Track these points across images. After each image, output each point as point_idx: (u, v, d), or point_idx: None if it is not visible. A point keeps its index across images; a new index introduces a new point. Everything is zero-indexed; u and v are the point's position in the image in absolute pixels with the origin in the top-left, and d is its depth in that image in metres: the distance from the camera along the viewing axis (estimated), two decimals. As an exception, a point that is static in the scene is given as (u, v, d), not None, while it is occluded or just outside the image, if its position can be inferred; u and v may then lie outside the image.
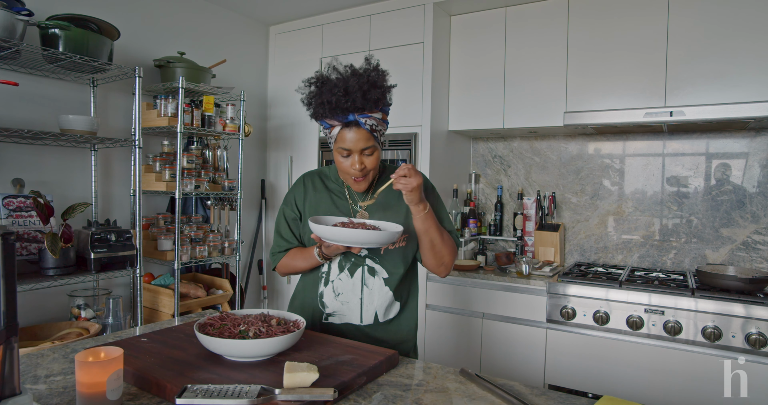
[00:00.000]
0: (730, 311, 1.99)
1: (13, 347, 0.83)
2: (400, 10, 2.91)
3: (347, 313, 1.40)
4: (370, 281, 1.40)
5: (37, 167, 2.31)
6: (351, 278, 1.39)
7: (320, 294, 1.43)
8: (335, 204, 1.44)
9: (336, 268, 1.41)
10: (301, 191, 1.47)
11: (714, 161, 2.58)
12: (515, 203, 3.02)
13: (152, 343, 1.22)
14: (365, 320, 1.40)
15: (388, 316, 1.43)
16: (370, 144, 1.29)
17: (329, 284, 1.41)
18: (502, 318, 2.51)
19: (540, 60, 2.67)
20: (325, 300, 1.42)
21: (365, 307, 1.40)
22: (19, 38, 1.93)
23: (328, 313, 1.42)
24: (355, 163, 1.30)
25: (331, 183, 1.48)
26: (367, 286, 1.39)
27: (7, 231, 0.81)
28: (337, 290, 1.40)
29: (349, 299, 1.40)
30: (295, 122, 3.35)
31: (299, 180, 1.50)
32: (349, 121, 1.25)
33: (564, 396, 1.04)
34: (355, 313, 1.40)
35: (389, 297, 1.41)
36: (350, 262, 1.40)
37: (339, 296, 1.40)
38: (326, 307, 1.42)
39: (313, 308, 1.44)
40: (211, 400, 0.88)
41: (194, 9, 3.02)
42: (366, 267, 1.40)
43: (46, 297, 2.33)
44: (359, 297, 1.39)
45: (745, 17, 2.22)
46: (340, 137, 1.28)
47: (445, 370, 1.18)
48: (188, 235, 2.65)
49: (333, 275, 1.41)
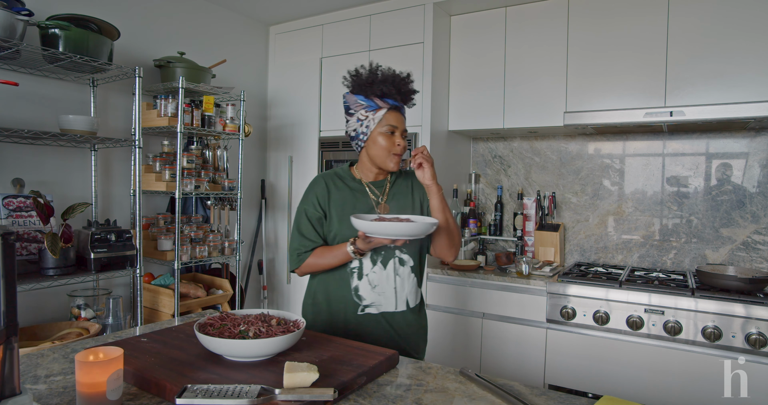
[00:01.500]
0: (730, 311, 1.99)
1: (13, 347, 0.83)
2: (400, 10, 2.91)
3: (383, 302, 1.51)
4: (400, 270, 1.52)
5: (37, 167, 2.31)
6: (384, 270, 1.51)
7: (354, 288, 1.51)
8: (358, 200, 1.53)
9: (368, 262, 1.49)
10: (323, 191, 1.53)
11: (714, 161, 2.58)
12: (515, 203, 3.02)
13: (152, 343, 1.22)
14: (399, 307, 1.53)
15: (416, 301, 1.58)
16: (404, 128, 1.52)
17: (364, 278, 1.50)
18: (502, 318, 2.51)
19: (540, 60, 2.67)
20: (361, 293, 1.51)
21: (398, 294, 1.53)
22: (19, 38, 1.93)
23: (365, 305, 1.51)
24: (399, 139, 1.48)
25: (351, 182, 1.57)
26: (398, 275, 1.52)
27: (7, 231, 0.81)
28: (373, 283, 1.50)
29: (385, 289, 1.51)
30: (295, 122, 3.35)
31: (319, 181, 1.56)
32: (396, 105, 1.48)
33: (564, 396, 1.04)
34: (391, 302, 1.52)
35: (415, 283, 1.57)
36: (381, 255, 1.50)
37: (375, 288, 1.50)
38: (363, 300, 1.51)
39: (345, 303, 1.51)
40: (211, 400, 0.88)
41: (194, 9, 3.02)
42: (397, 258, 1.52)
43: (46, 297, 2.33)
44: (393, 286, 1.52)
45: (745, 17, 2.22)
46: (387, 117, 1.47)
47: (445, 370, 1.18)
48: (188, 235, 2.65)
49: (366, 269, 1.50)
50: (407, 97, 1.50)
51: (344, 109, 1.54)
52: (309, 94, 3.27)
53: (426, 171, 1.44)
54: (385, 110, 1.47)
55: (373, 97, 1.45)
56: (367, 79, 1.46)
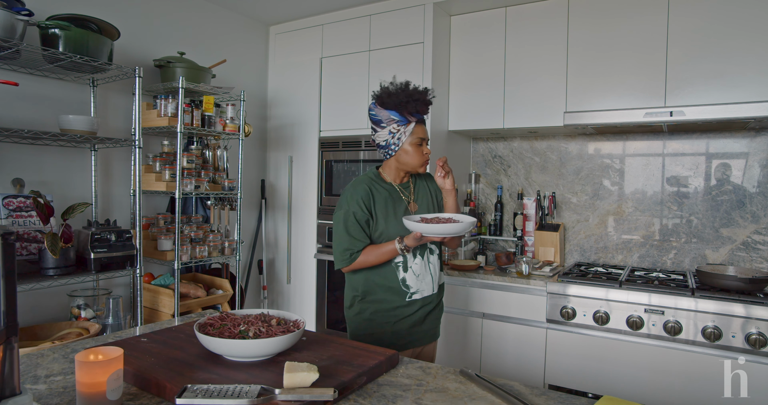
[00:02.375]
0: (730, 311, 1.99)
1: (13, 347, 0.83)
2: (400, 10, 2.91)
3: (425, 288, 1.74)
4: (431, 259, 1.76)
5: (37, 167, 2.31)
6: (423, 260, 1.73)
7: (402, 279, 1.70)
8: (395, 201, 1.73)
9: (411, 256, 1.70)
10: (368, 195, 1.69)
11: (714, 161, 2.58)
12: (515, 203, 3.02)
13: (152, 343, 1.22)
14: (435, 289, 1.78)
15: (441, 280, 1.84)
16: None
17: (409, 269, 1.70)
18: (502, 318, 2.51)
19: (540, 60, 2.67)
20: (408, 283, 1.71)
21: (434, 279, 1.77)
22: (19, 38, 1.93)
23: (412, 292, 1.72)
24: (426, 148, 1.71)
25: (385, 185, 1.74)
26: (431, 263, 1.76)
27: (7, 231, 0.81)
28: (417, 272, 1.72)
29: (425, 277, 1.74)
30: (295, 122, 3.35)
31: (360, 185, 1.71)
32: (422, 119, 1.71)
33: (564, 396, 1.04)
34: (429, 286, 1.76)
35: (439, 267, 1.82)
36: (419, 249, 1.71)
37: (419, 277, 1.72)
38: (410, 288, 1.71)
39: (394, 293, 1.70)
40: (211, 400, 0.88)
41: (194, 9, 3.02)
42: (428, 249, 1.75)
43: (46, 297, 2.33)
44: (430, 273, 1.75)
45: (745, 17, 2.22)
46: (417, 130, 1.68)
47: (445, 370, 1.18)
48: (188, 235, 2.65)
49: (410, 262, 1.70)
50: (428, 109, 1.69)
51: (373, 122, 1.69)
52: (309, 94, 3.27)
53: (449, 179, 1.71)
54: (414, 124, 1.67)
55: (405, 113, 1.64)
56: (401, 97, 1.62)
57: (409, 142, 1.67)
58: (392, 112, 1.64)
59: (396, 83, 1.67)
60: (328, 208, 3.19)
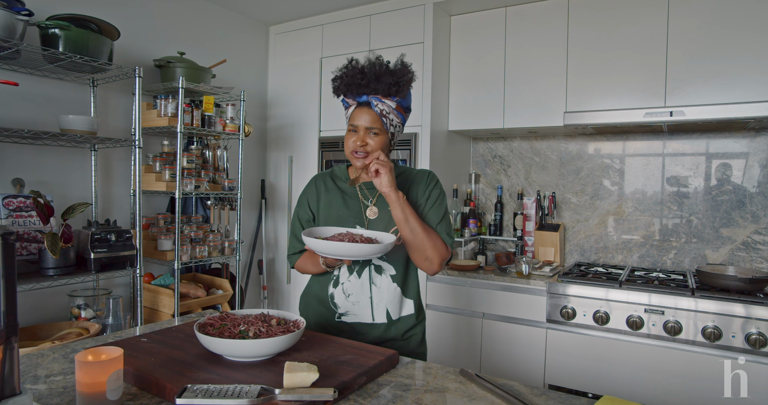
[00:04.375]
0: (730, 311, 1.99)
1: (13, 347, 0.83)
2: (400, 10, 2.91)
3: (359, 312, 1.44)
4: (377, 279, 1.43)
5: (37, 167, 2.31)
6: (359, 278, 1.43)
7: (331, 295, 1.46)
8: (346, 203, 1.47)
9: (345, 269, 1.44)
10: (313, 193, 1.51)
11: (714, 161, 2.58)
12: (515, 203, 3.02)
13: (152, 343, 1.22)
14: (377, 319, 1.44)
15: (402, 313, 1.47)
16: (376, 126, 1.36)
17: (339, 286, 1.45)
18: (502, 318, 2.51)
19: (540, 60, 2.67)
20: (336, 301, 1.46)
21: (375, 305, 1.43)
22: (19, 38, 1.93)
23: (340, 313, 1.46)
24: (358, 138, 1.37)
25: (342, 183, 1.51)
26: (375, 284, 1.43)
27: (7, 231, 0.81)
28: (347, 291, 1.44)
29: (359, 299, 1.44)
30: (295, 122, 3.35)
31: (311, 181, 1.54)
32: (362, 101, 1.37)
33: (564, 396, 1.04)
34: (367, 312, 1.44)
35: (398, 294, 1.45)
36: (358, 264, 1.43)
37: (349, 297, 1.44)
38: (338, 308, 1.46)
39: (325, 307, 1.48)
40: (211, 400, 0.88)
41: (194, 9, 3.02)
42: (373, 266, 1.43)
43: (46, 297, 2.33)
44: (369, 296, 1.43)
45: (745, 17, 2.22)
46: (352, 115, 1.39)
47: (445, 370, 1.18)
48: (188, 235, 2.65)
49: (343, 277, 1.45)
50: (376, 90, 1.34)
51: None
52: (309, 94, 3.27)
53: (382, 177, 1.31)
54: (353, 108, 1.40)
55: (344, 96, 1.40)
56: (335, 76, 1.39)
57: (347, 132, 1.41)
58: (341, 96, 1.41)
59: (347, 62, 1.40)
60: (328, 208, 3.18)
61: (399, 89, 1.35)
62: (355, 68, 1.36)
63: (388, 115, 1.37)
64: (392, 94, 1.35)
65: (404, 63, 1.37)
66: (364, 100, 1.37)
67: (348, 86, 1.36)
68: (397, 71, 1.35)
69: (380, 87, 1.34)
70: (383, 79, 1.33)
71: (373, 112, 1.36)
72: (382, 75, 1.33)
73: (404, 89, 1.36)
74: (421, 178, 1.49)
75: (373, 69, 1.34)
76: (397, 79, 1.34)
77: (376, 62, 1.35)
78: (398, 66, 1.36)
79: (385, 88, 1.34)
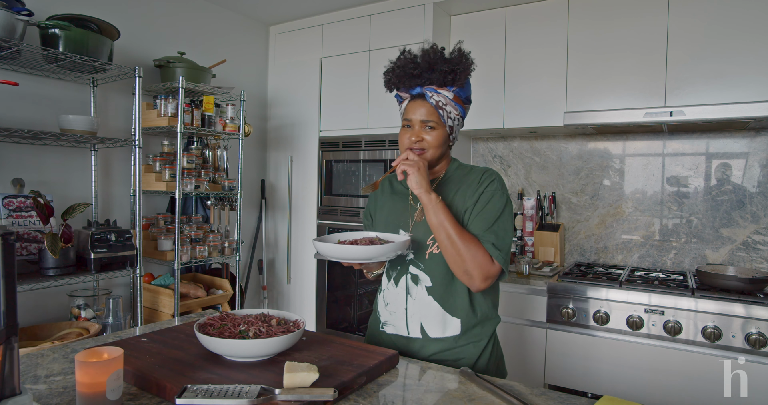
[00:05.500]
0: (730, 311, 1.99)
1: (13, 347, 0.83)
2: (400, 10, 2.91)
3: (396, 323, 1.36)
4: (413, 290, 1.32)
5: (37, 167, 2.31)
6: (396, 287, 1.35)
7: (376, 301, 1.44)
8: (395, 205, 1.39)
9: (385, 277, 1.38)
10: (378, 194, 1.47)
11: (714, 161, 2.58)
12: (515, 203, 3.02)
13: (152, 343, 1.22)
14: (412, 332, 1.32)
15: (444, 333, 1.30)
16: (431, 119, 1.26)
17: (381, 293, 1.41)
18: (502, 318, 2.50)
19: (540, 60, 2.67)
20: (379, 309, 1.42)
21: (410, 317, 1.32)
22: (19, 38, 1.93)
23: (383, 322, 1.40)
24: (413, 134, 1.27)
25: (397, 184, 1.44)
26: (411, 295, 1.32)
27: (7, 231, 0.81)
28: (387, 300, 1.38)
29: (396, 309, 1.35)
30: (295, 122, 3.35)
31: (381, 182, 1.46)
32: (415, 93, 1.27)
33: (564, 396, 1.03)
34: (402, 324, 1.34)
35: (435, 308, 1.29)
36: (396, 271, 1.34)
37: (388, 306, 1.37)
38: (381, 316, 1.41)
39: (375, 315, 1.45)
40: (211, 400, 0.88)
41: (194, 9, 3.02)
42: (409, 275, 1.32)
43: (46, 297, 2.33)
44: (404, 307, 1.33)
45: (745, 17, 2.21)
46: (406, 110, 1.29)
47: (445, 370, 1.18)
48: (188, 235, 2.65)
49: (384, 284, 1.39)
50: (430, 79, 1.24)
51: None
52: (309, 94, 3.27)
53: (411, 178, 1.20)
54: (407, 102, 1.30)
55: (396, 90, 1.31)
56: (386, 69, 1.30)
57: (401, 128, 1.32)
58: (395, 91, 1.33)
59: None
60: (328, 208, 3.19)
61: (456, 78, 1.23)
62: (407, 58, 1.26)
63: (445, 107, 1.25)
64: (448, 83, 1.24)
65: (461, 50, 1.25)
66: (418, 92, 1.27)
67: (400, 78, 1.26)
68: (453, 59, 1.24)
69: (435, 76, 1.23)
70: (438, 68, 1.23)
71: (428, 105, 1.25)
72: (436, 63, 1.23)
73: (461, 78, 1.24)
74: (476, 176, 1.32)
75: (426, 57, 1.23)
76: (453, 67, 1.22)
77: (430, 50, 1.24)
78: (454, 54, 1.25)
79: (440, 78, 1.23)
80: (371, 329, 1.46)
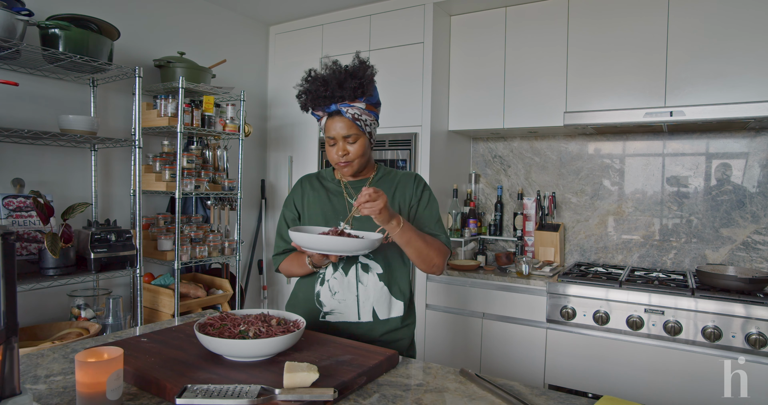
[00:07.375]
0: (730, 311, 1.99)
1: (13, 347, 0.83)
2: (400, 10, 2.91)
3: (345, 310, 1.44)
4: (364, 278, 1.44)
5: (37, 167, 2.31)
6: (346, 276, 1.43)
7: (317, 293, 1.47)
8: (331, 202, 1.48)
9: (331, 267, 1.45)
10: (299, 192, 1.54)
11: (714, 161, 2.58)
12: (515, 203, 3.02)
13: (152, 343, 1.22)
14: (363, 317, 1.44)
15: (391, 314, 1.46)
16: (352, 132, 1.37)
17: (325, 283, 1.46)
18: (502, 318, 2.51)
19: (540, 60, 2.67)
20: (321, 299, 1.46)
21: (362, 303, 1.43)
22: (19, 38, 1.93)
23: (325, 312, 1.45)
24: (339, 149, 1.38)
25: (328, 182, 1.53)
26: (361, 282, 1.43)
27: (7, 231, 0.81)
28: (333, 289, 1.44)
29: (346, 297, 1.44)
30: (295, 122, 3.35)
31: (297, 182, 1.57)
32: (331, 110, 1.36)
33: (564, 396, 1.04)
34: (353, 311, 1.44)
35: (385, 293, 1.45)
36: (343, 261, 1.44)
37: (335, 295, 1.44)
38: (324, 306, 1.46)
39: (310, 307, 1.47)
40: (211, 400, 0.88)
41: (194, 9, 3.02)
42: (359, 264, 1.44)
43: (46, 297, 2.33)
44: (355, 294, 1.43)
45: (745, 17, 2.22)
46: (326, 127, 1.39)
47: (445, 370, 1.18)
48: (188, 235, 2.65)
49: (328, 275, 1.45)
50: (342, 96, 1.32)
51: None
52: (309, 94, 3.26)
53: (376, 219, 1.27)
54: (324, 119, 1.39)
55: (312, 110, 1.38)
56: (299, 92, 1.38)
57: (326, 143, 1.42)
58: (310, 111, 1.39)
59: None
60: (328, 208, 3.18)
61: (364, 90, 1.33)
62: (317, 80, 1.34)
63: (361, 117, 1.35)
64: (359, 95, 1.33)
65: (361, 60, 1.34)
66: (333, 109, 1.35)
67: (314, 100, 1.34)
68: (357, 72, 1.32)
69: (346, 93, 1.32)
70: (346, 85, 1.31)
71: (346, 119, 1.35)
72: (345, 80, 1.31)
73: (369, 88, 1.34)
74: (408, 179, 1.50)
75: (335, 76, 1.32)
76: (360, 80, 1.32)
77: (335, 69, 1.33)
78: (355, 64, 1.34)
79: (350, 93, 1.32)
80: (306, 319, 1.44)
